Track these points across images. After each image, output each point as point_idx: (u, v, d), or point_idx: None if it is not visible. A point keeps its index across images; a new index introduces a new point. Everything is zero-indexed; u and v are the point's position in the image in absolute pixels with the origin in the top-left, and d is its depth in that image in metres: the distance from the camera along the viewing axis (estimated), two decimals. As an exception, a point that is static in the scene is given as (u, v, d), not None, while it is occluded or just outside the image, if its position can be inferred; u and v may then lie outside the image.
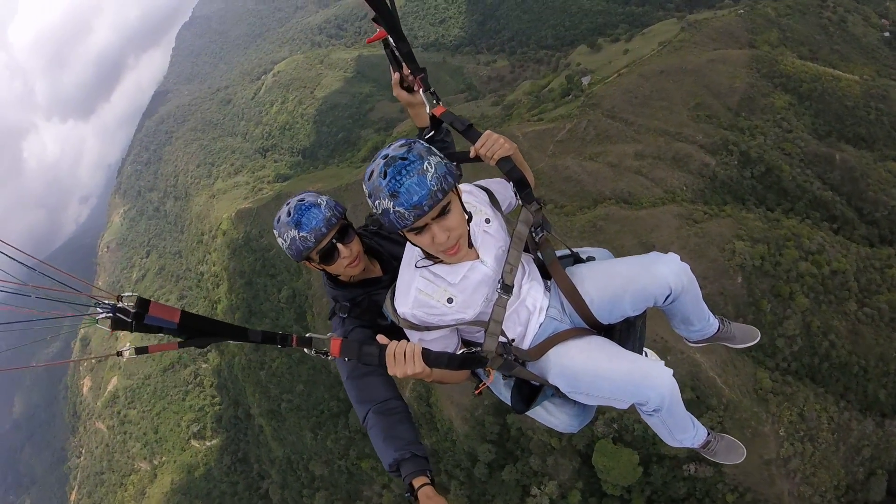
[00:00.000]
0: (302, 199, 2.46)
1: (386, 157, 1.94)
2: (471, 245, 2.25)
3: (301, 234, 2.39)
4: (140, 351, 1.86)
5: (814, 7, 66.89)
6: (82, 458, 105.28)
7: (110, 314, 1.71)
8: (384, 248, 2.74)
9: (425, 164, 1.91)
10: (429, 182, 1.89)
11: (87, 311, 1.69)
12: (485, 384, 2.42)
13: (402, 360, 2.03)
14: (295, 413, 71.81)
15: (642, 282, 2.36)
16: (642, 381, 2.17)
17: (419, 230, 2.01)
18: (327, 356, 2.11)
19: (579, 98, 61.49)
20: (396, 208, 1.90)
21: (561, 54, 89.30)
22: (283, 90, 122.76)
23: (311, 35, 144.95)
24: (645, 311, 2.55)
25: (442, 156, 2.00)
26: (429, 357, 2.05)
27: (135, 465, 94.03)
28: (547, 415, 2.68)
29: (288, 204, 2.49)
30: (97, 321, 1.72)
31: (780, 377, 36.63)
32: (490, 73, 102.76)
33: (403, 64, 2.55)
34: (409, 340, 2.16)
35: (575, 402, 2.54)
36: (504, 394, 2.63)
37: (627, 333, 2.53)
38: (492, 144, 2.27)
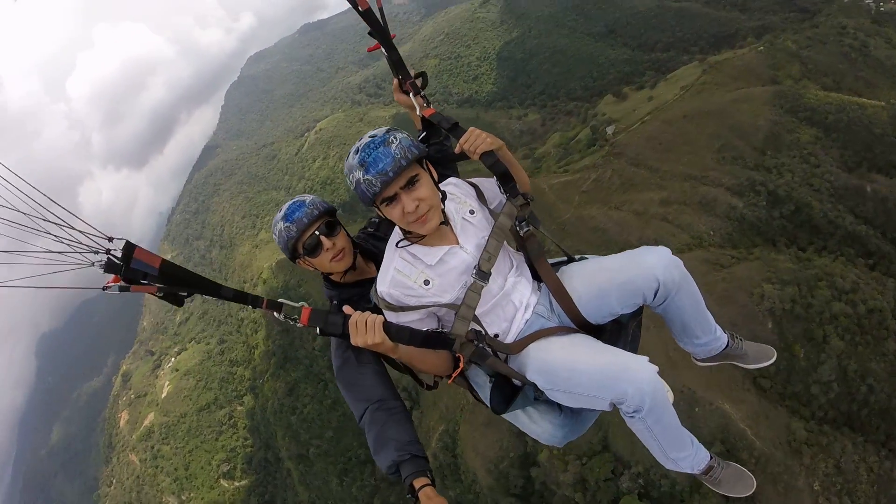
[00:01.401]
0: (293, 200, 2.66)
1: (361, 140, 2.14)
2: (446, 222, 2.31)
3: (286, 224, 2.57)
4: (123, 289, 1.89)
5: (834, 36, 66.30)
6: (112, 488, 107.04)
7: (105, 258, 1.82)
8: (380, 250, 2.74)
9: (391, 137, 2.09)
10: (392, 151, 2.05)
11: (84, 255, 1.79)
12: (458, 371, 2.36)
13: (364, 329, 2.10)
14: (323, 458, 71.75)
15: (629, 273, 2.30)
16: (620, 373, 2.06)
17: (390, 200, 2.13)
18: (296, 323, 2.19)
19: (604, 148, 62.19)
20: (365, 177, 2.05)
21: (589, 105, 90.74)
22: (325, 147, 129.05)
23: (352, 94, 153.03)
24: (639, 315, 2.50)
25: (409, 135, 2.17)
26: (390, 329, 2.12)
27: (163, 499, 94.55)
28: (529, 422, 2.55)
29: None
30: (93, 264, 1.81)
31: (815, 426, 34.71)
32: (522, 126, 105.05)
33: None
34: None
35: (560, 410, 2.48)
36: (485, 393, 2.55)
37: (618, 335, 2.45)
38: (475, 139, 2.38)
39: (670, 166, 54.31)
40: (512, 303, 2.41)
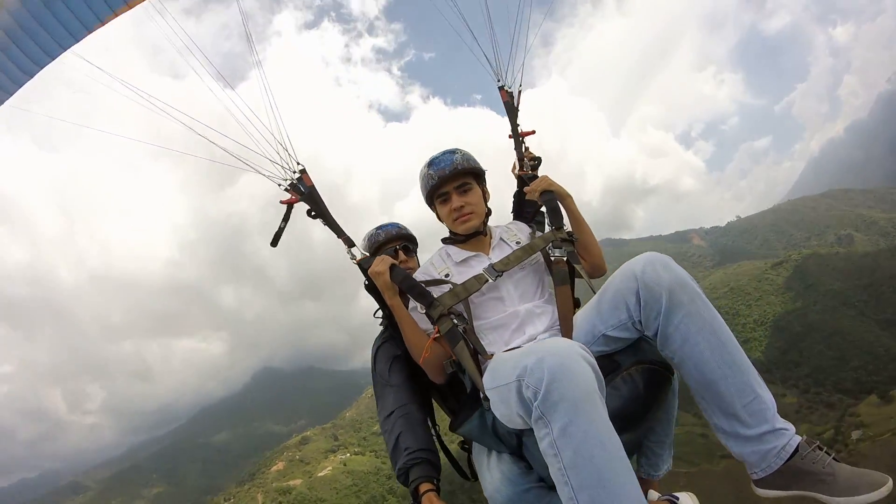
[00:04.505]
0: (393, 221, 3.27)
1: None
2: (485, 234, 2.66)
3: (377, 230, 3.16)
4: (287, 190, 2.70)
5: None
6: (226, 503, 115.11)
7: (293, 177, 2.69)
8: None
9: (458, 150, 2.61)
10: (455, 157, 2.55)
11: (284, 169, 2.68)
12: (431, 339, 2.29)
13: (378, 262, 2.46)
14: None
15: (612, 278, 2.02)
16: (537, 348, 1.69)
17: (443, 199, 2.60)
18: (353, 260, 2.63)
19: (841, 452, 54.72)
20: (428, 171, 2.58)
21: (853, 401, 77.53)
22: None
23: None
24: (646, 362, 1.97)
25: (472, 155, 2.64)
26: (393, 268, 2.45)
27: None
28: (486, 466, 2.21)
29: None
30: (285, 180, 2.69)
31: None
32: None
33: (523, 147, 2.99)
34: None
35: (521, 470, 2.08)
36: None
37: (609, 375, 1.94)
38: (539, 182, 2.68)
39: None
40: (524, 331, 2.31)
